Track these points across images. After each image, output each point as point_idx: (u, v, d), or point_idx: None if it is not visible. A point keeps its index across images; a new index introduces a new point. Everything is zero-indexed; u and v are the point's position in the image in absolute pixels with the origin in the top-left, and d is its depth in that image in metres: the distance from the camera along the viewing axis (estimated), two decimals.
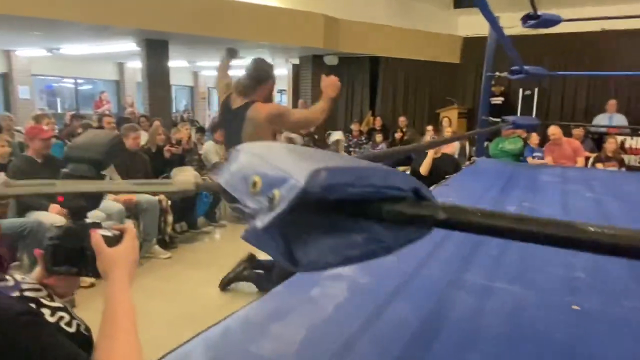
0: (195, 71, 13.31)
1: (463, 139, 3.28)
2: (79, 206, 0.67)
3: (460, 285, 1.13)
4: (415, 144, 1.82)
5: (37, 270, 0.71)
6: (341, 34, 7.09)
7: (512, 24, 3.66)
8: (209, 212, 4.52)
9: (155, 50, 6.87)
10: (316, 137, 6.89)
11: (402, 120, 7.60)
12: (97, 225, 0.70)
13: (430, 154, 4.49)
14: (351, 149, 7.02)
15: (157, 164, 4.07)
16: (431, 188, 2.46)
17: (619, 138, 6.25)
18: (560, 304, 1.03)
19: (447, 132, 6.20)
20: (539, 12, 3.06)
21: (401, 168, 6.52)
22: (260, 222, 0.37)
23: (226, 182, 0.46)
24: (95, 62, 10.95)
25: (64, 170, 0.67)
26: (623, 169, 5.21)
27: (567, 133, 5.72)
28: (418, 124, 8.48)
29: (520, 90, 7.52)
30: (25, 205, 3.08)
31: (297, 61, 8.90)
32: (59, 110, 11.57)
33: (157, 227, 3.67)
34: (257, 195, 0.42)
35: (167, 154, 4.08)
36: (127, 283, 0.65)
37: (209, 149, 4.74)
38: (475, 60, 8.42)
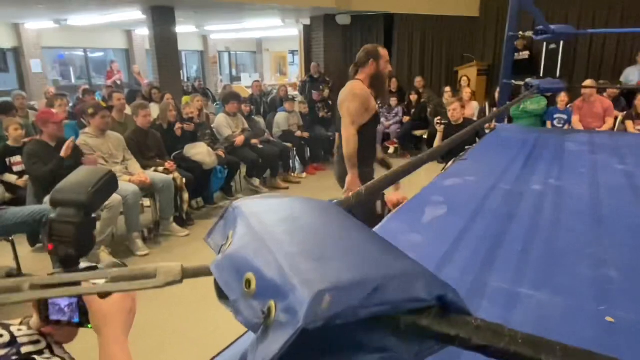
0: (204, 35, 13.00)
1: (487, 121, 3.11)
2: (68, 255, 0.62)
3: (481, 293, 1.06)
4: (446, 142, 1.69)
5: (35, 318, 0.68)
6: None
7: None
8: (225, 186, 4.51)
9: (162, 17, 6.68)
10: (330, 103, 6.70)
11: (418, 80, 7.32)
12: (92, 268, 0.65)
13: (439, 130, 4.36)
14: None
15: (169, 140, 4.03)
16: (449, 164, 2.36)
17: None
18: (591, 313, 0.97)
19: (466, 92, 5.96)
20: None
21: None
22: (257, 354, 0.31)
23: (218, 271, 0.40)
24: (103, 31, 10.77)
25: (51, 216, 0.62)
26: None
27: (600, 90, 5.43)
28: (435, 84, 8.19)
29: (545, 44, 7.11)
30: (44, 191, 3.11)
31: (308, 22, 8.58)
32: (73, 80, 11.58)
33: (173, 206, 3.68)
34: (251, 298, 0.35)
35: (178, 132, 4.02)
36: (122, 337, 0.60)
37: (221, 121, 4.66)
38: (495, 13, 7.97)
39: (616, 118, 5.21)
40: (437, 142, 5.02)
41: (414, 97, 6.76)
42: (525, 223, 1.50)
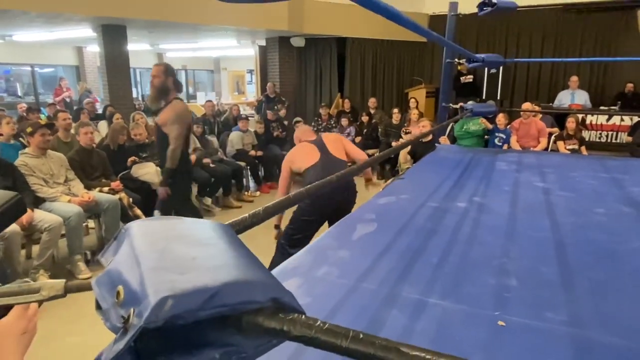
0: (159, 53, 12.88)
1: (424, 136, 3.31)
2: None
3: (393, 302, 1.16)
4: (387, 150, 1.84)
5: None
6: (306, 15, 6.96)
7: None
8: None
9: (113, 35, 6.61)
10: (285, 123, 6.82)
11: (372, 101, 7.59)
12: None
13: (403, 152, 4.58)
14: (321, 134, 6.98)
15: (118, 160, 3.97)
16: (388, 182, 2.48)
17: (581, 114, 6.44)
18: (486, 318, 1.08)
19: (414, 113, 6.24)
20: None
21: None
22: (106, 355, 0.37)
23: (97, 286, 0.46)
24: (52, 47, 10.46)
25: None
26: (583, 147, 5.39)
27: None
28: (387, 104, 8.50)
29: (486, 69, 7.59)
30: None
31: (264, 43, 8.72)
32: (20, 96, 11.11)
33: (119, 227, 3.60)
34: (119, 306, 0.41)
35: (129, 163, 3.98)
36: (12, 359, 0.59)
37: None
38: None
39: (550, 135, 5.62)
40: (402, 155, 5.18)
41: (365, 118, 6.99)
42: (444, 238, 1.62)
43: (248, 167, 5.62)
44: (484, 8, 3.11)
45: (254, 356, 0.42)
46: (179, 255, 0.44)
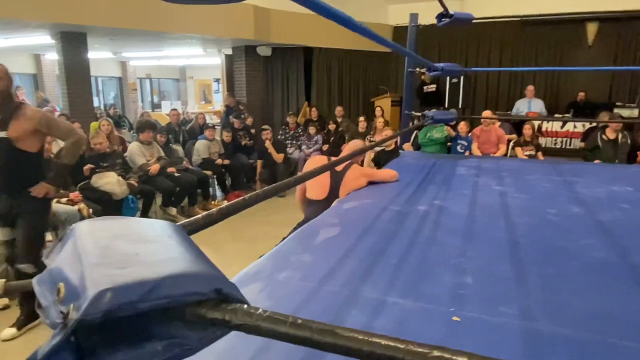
0: (123, 61, 12.59)
1: (384, 142, 3.39)
2: None
3: (353, 303, 1.17)
4: (345, 156, 1.87)
5: None
6: (272, 25, 7.00)
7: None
8: (141, 216, 4.36)
9: (73, 42, 6.41)
10: (253, 131, 6.80)
11: (338, 110, 7.68)
12: None
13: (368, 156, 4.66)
14: (288, 142, 7.00)
15: (77, 170, 3.84)
16: (348, 192, 2.50)
17: (537, 122, 6.74)
18: (442, 315, 1.11)
19: (379, 121, 6.35)
20: (451, 12, 3.20)
21: None
22: (42, 350, 0.36)
23: (38, 285, 0.45)
24: (8, 54, 10.03)
25: None
26: (539, 153, 5.64)
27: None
28: (354, 113, 8.62)
29: (448, 79, 7.84)
30: None
31: (230, 52, 8.69)
32: None
33: None
34: (59, 303, 0.41)
35: (86, 173, 3.85)
36: None
37: (134, 150, 4.54)
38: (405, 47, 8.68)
39: (509, 141, 5.85)
40: (366, 162, 5.29)
41: (332, 126, 7.06)
42: (405, 240, 1.66)
43: (215, 176, 5.55)
44: (442, 19, 3.23)
45: (198, 347, 0.42)
46: (122, 251, 0.44)
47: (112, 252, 0.44)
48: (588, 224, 1.88)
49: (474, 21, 3.80)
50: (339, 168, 2.53)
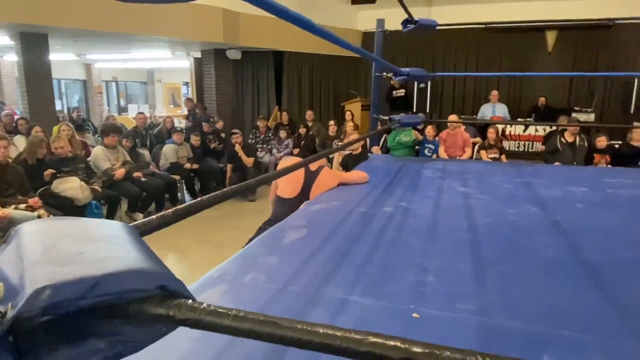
0: (87, 63, 12.24)
1: (351, 144, 3.43)
2: None
3: (317, 302, 1.19)
4: (308, 158, 1.88)
5: None
6: (242, 28, 6.97)
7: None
8: None
9: (33, 44, 6.18)
10: (223, 135, 6.74)
11: (309, 114, 7.71)
12: None
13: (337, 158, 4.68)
14: (259, 146, 6.97)
15: (37, 175, 3.70)
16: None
17: (501, 126, 6.97)
18: (403, 312, 1.14)
19: (349, 125, 6.41)
20: (417, 18, 3.28)
21: None
22: None
23: None
24: None
25: None
26: (503, 156, 5.82)
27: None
28: (325, 117, 8.67)
29: (416, 84, 8.01)
30: None
31: (199, 55, 8.59)
32: None
33: None
34: (0, 304, 0.40)
35: (47, 178, 3.72)
36: None
37: (98, 154, 4.41)
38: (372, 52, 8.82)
39: (475, 145, 6.02)
40: (334, 166, 5.28)
41: (303, 130, 7.08)
42: (370, 241, 1.68)
43: (183, 181, 5.46)
44: (408, 25, 3.31)
45: (144, 344, 0.42)
46: (66, 250, 0.44)
47: (56, 251, 0.44)
48: (544, 223, 1.96)
49: (441, 28, 3.93)
50: (313, 167, 2.54)
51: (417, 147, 6.05)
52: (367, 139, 5.44)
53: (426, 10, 8.28)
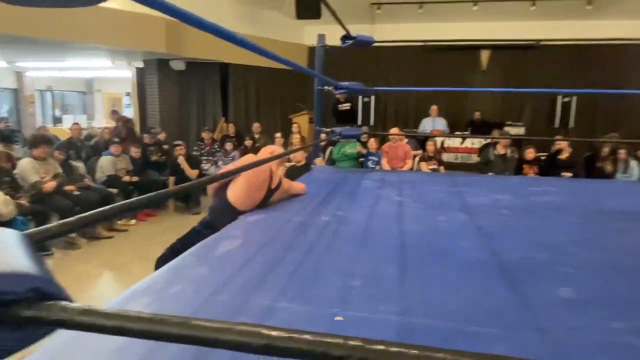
0: (18, 72, 11.49)
1: (292, 152, 3.47)
2: None
3: (243, 310, 1.19)
4: (221, 173, 1.86)
5: None
6: (185, 39, 6.86)
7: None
8: None
9: None
10: (165, 147, 6.55)
11: (256, 126, 7.68)
12: None
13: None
14: (204, 158, 6.84)
15: None
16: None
17: (440, 138, 7.30)
18: (327, 316, 1.16)
19: (295, 138, 6.46)
20: (354, 34, 3.40)
21: None
22: None
23: None
24: None
25: None
26: (441, 167, 6.10)
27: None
28: (272, 129, 8.67)
29: (360, 98, 8.22)
30: None
31: (141, 65, 8.34)
32: None
33: None
34: None
35: None
36: None
37: (26, 167, 4.14)
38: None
39: (415, 156, 6.26)
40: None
41: (249, 142, 7.04)
42: (303, 249, 1.70)
43: (121, 194, 5.23)
44: (346, 41, 3.42)
45: (17, 348, 0.41)
46: None
47: None
48: (470, 228, 2.08)
49: (384, 45, 4.09)
50: (274, 185, 2.45)
51: (361, 159, 6.20)
52: (311, 151, 5.51)
53: (370, 27, 8.56)
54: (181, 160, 5.72)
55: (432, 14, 7.94)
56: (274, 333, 0.37)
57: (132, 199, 0.94)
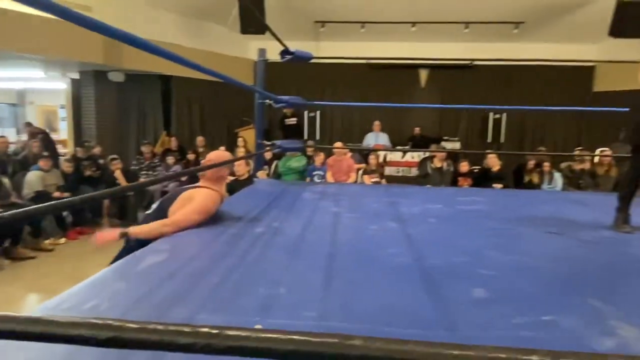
0: None
1: (231, 162, 3.45)
2: None
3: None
4: (152, 179, 1.83)
5: None
6: (125, 50, 6.64)
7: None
8: None
9: None
10: (101, 161, 6.26)
11: (200, 140, 7.54)
12: None
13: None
14: (143, 173, 6.60)
15: None
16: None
17: (383, 152, 7.52)
18: (247, 324, 1.16)
19: (240, 152, 6.41)
20: (293, 50, 3.47)
21: None
22: None
23: None
24: None
25: None
26: (383, 180, 6.27)
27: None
28: (218, 143, 8.54)
29: (306, 113, 8.33)
30: None
31: (77, 76, 7.96)
32: None
33: None
34: None
35: None
36: None
37: None
38: (266, 82, 9.02)
39: (359, 170, 6.40)
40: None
41: (192, 156, 6.89)
42: (232, 260, 1.69)
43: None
44: (285, 56, 3.48)
45: None
46: None
47: None
48: (399, 236, 2.16)
49: (328, 62, 4.16)
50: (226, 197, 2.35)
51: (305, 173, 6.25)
52: (252, 164, 5.48)
53: (315, 44, 8.75)
54: (118, 174, 5.49)
55: (374, 33, 8.24)
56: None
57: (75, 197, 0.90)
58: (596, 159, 6.11)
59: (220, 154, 2.60)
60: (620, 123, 7.20)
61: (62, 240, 4.92)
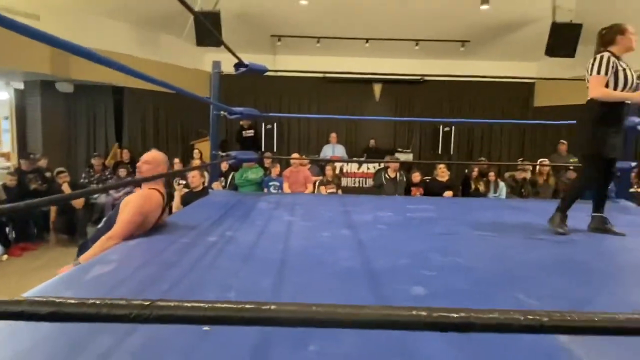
0: None
1: (183, 171, 3.43)
2: None
3: (104, 330, 1.16)
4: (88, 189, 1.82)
5: None
6: (73, 60, 6.45)
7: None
8: None
9: None
10: (47, 174, 6.00)
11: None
12: None
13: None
14: (93, 186, 6.38)
15: None
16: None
17: (340, 164, 7.67)
18: (196, 328, 1.19)
19: (195, 163, 6.34)
20: (247, 62, 3.53)
21: None
22: None
23: None
24: None
25: None
26: (339, 190, 6.39)
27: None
28: (173, 155, 8.40)
29: (264, 124, 8.37)
30: None
31: (21, 86, 7.62)
32: None
33: None
34: None
35: None
36: None
37: None
38: (223, 94, 9.00)
39: (316, 181, 6.49)
40: (175, 205, 5.13)
41: None
42: (184, 268, 1.70)
43: None
44: (240, 68, 3.53)
45: None
46: None
47: None
48: (350, 241, 2.24)
49: (285, 75, 4.24)
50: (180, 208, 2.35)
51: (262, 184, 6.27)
52: (207, 176, 5.44)
53: (272, 57, 8.85)
54: (65, 187, 5.28)
55: (329, 47, 8.46)
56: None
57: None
58: (537, 169, 6.54)
59: (154, 154, 2.61)
60: (559, 135, 7.76)
61: (4, 257, 4.66)
